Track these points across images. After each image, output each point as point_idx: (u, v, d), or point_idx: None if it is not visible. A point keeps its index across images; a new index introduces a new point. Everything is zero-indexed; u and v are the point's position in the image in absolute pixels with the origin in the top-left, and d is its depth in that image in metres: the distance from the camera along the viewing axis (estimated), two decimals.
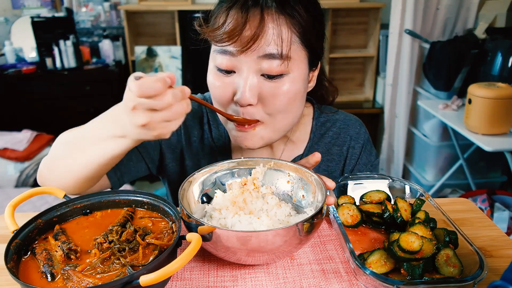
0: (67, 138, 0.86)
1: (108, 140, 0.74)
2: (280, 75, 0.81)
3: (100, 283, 0.62)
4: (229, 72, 0.83)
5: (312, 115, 1.07)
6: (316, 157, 0.85)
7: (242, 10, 0.77)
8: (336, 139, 1.05)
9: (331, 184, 0.79)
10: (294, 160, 1.04)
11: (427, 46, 2.75)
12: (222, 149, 1.04)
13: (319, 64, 0.93)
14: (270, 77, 0.81)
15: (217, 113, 0.91)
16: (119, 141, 0.72)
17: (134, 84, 0.61)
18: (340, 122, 1.06)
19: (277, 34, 0.78)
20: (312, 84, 0.93)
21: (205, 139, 1.05)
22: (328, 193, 0.77)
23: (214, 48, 0.84)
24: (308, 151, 1.04)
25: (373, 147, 1.09)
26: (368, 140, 1.07)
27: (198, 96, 1.08)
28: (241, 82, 0.81)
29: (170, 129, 0.66)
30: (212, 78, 0.86)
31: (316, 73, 0.93)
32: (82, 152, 0.79)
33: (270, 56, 0.78)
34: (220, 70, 0.83)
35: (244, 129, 0.86)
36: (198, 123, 1.05)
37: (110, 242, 0.70)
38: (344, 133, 1.05)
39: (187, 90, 0.66)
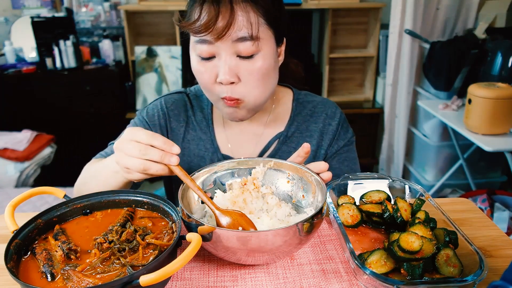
0: (90, 168, 1.03)
1: (109, 175, 0.90)
2: (253, 55, 0.92)
3: (100, 283, 0.62)
4: (209, 58, 0.93)
5: (292, 97, 1.17)
6: (305, 147, 0.89)
7: (213, 3, 0.88)
8: (314, 117, 1.14)
9: (324, 165, 0.85)
10: (277, 137, 1.13)
11: (427, 46, 2.75)
12: (206, 130, 1.13)
13: (284, 40, 1.03)
14: (245, 57, 0.92)
15: (208, 96, 1.02)
16: (116, 175, 0.88)
17: (129, 128, 0.82)
18: (318, 102, 1.17)
19: (246, 19, 0.89)
20: (281, 58, 1.04)
21: (190, 123, 1.14)
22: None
23: (193, 39, 0.94)
24: (288, 128, 1.13)
25: (350, 127, 1.17)
26: (345, 119, 1.16)
27: (181, 89, 1.20)
28: (221, 65, 0.92)
29: (135, 176, 0.80)
30: (196, 65, 0.96)
31: (283, 48, 1.03)
32: (99, 182, 0.94)
33: (242, 39, 0.89)
34: (201, 57, 0.94)
35: (232, 104, 0.96)
36: (183, 110, 1.15)
37: (110, 242, 0.70)
38: (321, 112, 1.14)
39: (172, 160, 0.78)
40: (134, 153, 0.76)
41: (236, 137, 1.12)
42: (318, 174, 0.84)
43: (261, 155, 1.11)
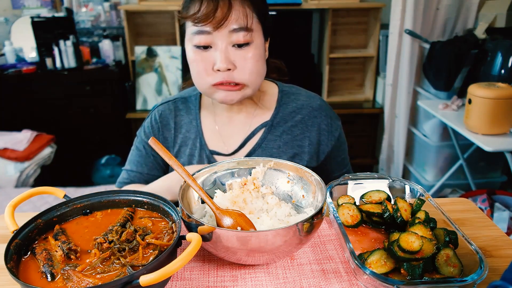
0: None
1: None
2: (247, 44, 1.02)
3: (100, 283, 0.62)
4: (206, 47, 1.02)
5: (277, 89, 1.23)
6: None
7: None
8: (299, 109, 1.19)
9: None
10: (263, 126, 1.17)
11: (427, 46, 2.75)
12: (194, 129, 1.18)
13: (268, 38, 1.13)
14: (240, 45, 1.01)
15: (200, 85, 1.07)
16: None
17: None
18: (303, 96, 1.22)
19: (241, 12, 0.99)
20: (266, 54, 1.13)
21: (179, 128, 1.20)
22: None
23: (190, 31, 1.03)
24: (274, 118, 1.17)
25: (335, 114, 1.23)
26: (330, 109, 1.22)
27: (168, 98, 1.25)
28: (217, 54, 1.01)
29: None
30: (193, 55, 1.04)
31: (267, 45, 1.13)
32: None
33: (238, 30, 0.99)
34: (198, 47, 1.02)
35: (232, 88, 1.04)
36: (170, 117, 1.21)
37: (110, 242, 0.70)
38: (306, 105, 1.19)
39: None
40: None
41: (227, 127, 1.18)
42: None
43: (245, 142, 1.16)
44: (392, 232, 0.76)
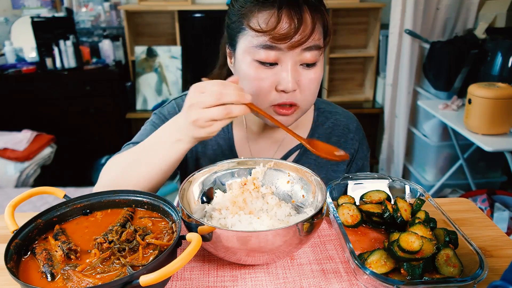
0: (126, 157, 0.93)
1: (168, 146, 0.85)
2: (315, 63, 0.91)
3: (100, 283, 0.62)
4: (272, 64, 0.90)
5: (313, 106, 1.14)
6: None
7: (293, 11, 0.85)
8: (335, 130, 1.13)
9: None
10: (298, 148, 1.10)
11: (427, 46, 2.75)
12: (225, 136, 1.09)
13: None
14: (309, 65, 0.91)
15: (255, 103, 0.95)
16: (176, 145, 0.84)
17: (193, 85, 0.78)
18: (340, 115, 1.15)
19: (317, 29, 0.88)
20: None
21: (207, 141, 1.10)
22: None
23: (251, 43, 0.89)
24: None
25: (366, 141, 1.17)
26: (364, 136, 1.17)
27: (174, 100, 1.11)
28: (284, 73, 0.89)
29: (215, 128, 0.79)
30: (254, 71, 0.91)
31: None
32: (145, 166, 0.88)
33: (313, 48, 0.88)
34: (262, 63, 0.90)
35: (287, 112, 0.93)
36: None
37: (110, 242, 0.70)
38: (343, 126, 1.13)
39: (247, 97, 0.78)
40: (211, 101, 0.75)
41: (257, 142, 1.09)
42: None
43: None
44: (392, 232, 0.76)
